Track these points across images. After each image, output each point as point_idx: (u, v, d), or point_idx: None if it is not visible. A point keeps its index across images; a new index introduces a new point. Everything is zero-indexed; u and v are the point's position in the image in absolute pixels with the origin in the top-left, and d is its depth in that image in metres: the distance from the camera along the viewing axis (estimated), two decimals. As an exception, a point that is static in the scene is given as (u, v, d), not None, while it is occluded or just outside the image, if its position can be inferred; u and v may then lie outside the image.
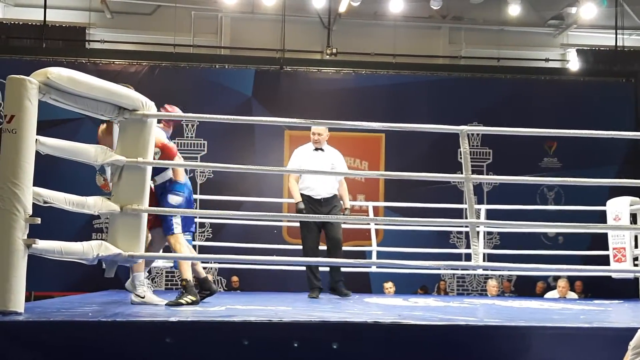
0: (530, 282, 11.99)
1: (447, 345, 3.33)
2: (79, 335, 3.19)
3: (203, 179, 13.15)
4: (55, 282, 11.16)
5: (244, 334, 3.25)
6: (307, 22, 14.76)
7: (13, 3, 14.69)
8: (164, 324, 3.33)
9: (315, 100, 13.01)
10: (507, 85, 13.86)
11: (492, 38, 15.10)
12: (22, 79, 3.45)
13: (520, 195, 11.32)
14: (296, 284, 9.69)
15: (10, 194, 3.37)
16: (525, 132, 5.21)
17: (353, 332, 3.30)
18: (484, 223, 6.26)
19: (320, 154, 7.04)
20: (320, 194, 6.95)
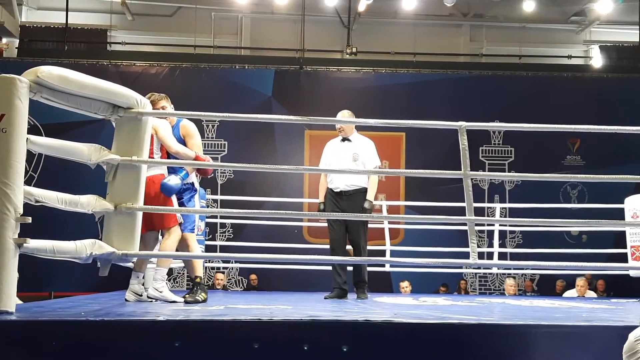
0: (552, 281, 11.83)
1: (439, 344, 3.27)
2: (68, 335, 3.17)
3: (224, 179, 13.18)
4: (76, 283, 11.25)
5: (233, 332, 3.22)
6: (327, 21, 14.73)
7: (36, 6, 14.86)
8: (151, 323, 3.31)
9: (335, 100, 12.94)
10: (528, 82, 13.71)
11: (514, 35, 14.94)
12: (12, 78, 3.44)
13: (542, 193, 11.20)
14: (316, 283, 9.66)
15: (1, 194, 3.36)
16: (537, 127, 5.09)
17: (342, 331, 3.25)
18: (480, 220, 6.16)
19: (345, 144, 6.68)
20: (338, 186, 6.55)
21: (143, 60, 13.79)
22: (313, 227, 12.50)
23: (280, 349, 3.22)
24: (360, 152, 6.60)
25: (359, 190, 6.51)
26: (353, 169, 6.47)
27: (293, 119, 8.10)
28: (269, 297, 6.57)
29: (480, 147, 13.38)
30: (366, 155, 6.61)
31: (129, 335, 3.20)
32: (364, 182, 6.52)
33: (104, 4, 14.74)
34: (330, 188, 6.61)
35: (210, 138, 13.25)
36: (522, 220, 7.69)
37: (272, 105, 13.30)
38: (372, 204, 6.48)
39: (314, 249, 10.09)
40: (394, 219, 5.56)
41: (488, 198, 12.99)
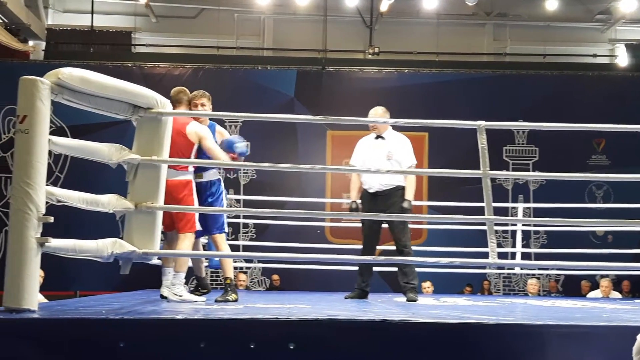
0: (577, 282, 11.73)
1: (456, 344, 3.26)
2: (87, 332, 3.21)
3: (246, 179, 13.24)
4: (101, 282, 11.35)
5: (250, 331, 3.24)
6: (349, 22, 14.74)
7: (62, 9, 15.04)
8: (171, 321, 3.34)
9: (358, 100, 12.94)
10: (553, 82, 13.60)
11: (538, 34, 14.85)
12: (34, 80, 3.49)
13: (567, 194, 11.08)
14: (338, 284, 9.67)
15: (23, 194, 3.42)
16: (556, 127, 5.07)
17: (358, 330, 3.26)
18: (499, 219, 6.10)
19: (378, 142, 6.39)
20: (372, 186, 6.27)
21: (167, 61, 13.88)
22: (335, 228, 12.51)
23: (297, 348, 3.24)
24: (395, 150, 6.31)
25: (394, 189, 6.24)
26: (387, 167, 6.21)
27: (315, 119, 8.13)
28: (289, 296, 6.60)
29: (504, 146, 13.30)
30: (401, 154, 6.32)
31: (147, 333, 3.23)
32: (400, 180, 6.24)
33: (128, 6, 14.88)
34: (364, 188, 6.36)
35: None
36: (542, 220, 7.62)
37: (295, 106, 13.33)
38: (411, 203, 6.19)
39: (336, 249, 10.11)
40: (413, 219, 5.52)
41: (512, 198, 12.91)
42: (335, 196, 12.97)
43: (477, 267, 10.26)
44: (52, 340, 3.20)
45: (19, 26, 13.42)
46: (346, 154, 13.17)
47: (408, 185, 6.22)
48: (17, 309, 3.38)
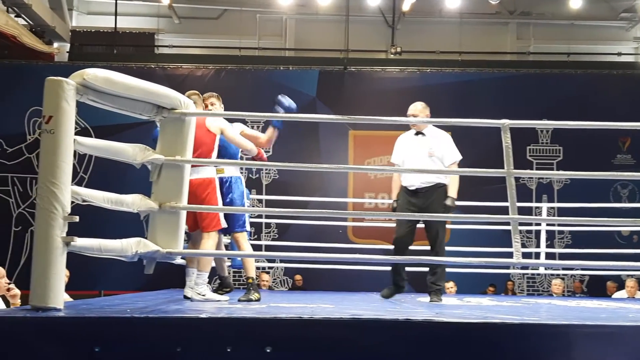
0: (603, 283, 11.62)
1: (480, 343, 3.24)
2: (112, 331, 3.24)
3: (268, 179, 13.27)
4: (125, 282, 11.43)
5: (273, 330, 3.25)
6: (371, 21, 14.73)
7: (86, 11, 15.17)
8: (194, 320, 3.36)
9: (380, 100, 12.95)
10: (577, 81, 13.50)
11: (562, 33, 14.74)
12: (59, 80, 3.52)
13: (592, 193, 11.00)
14: (361, 283, 9.66)
15: (49, 193, 3.45)
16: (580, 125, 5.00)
17: (381, 330, 3.25)
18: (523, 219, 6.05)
19: (419, 138, 6.19)
20: (413, 183, 6.08)
21: (189, 62, 13.97)
22: (357, 228, 12.51)
23: (321, 347, 3.24)
24: (436, 147, 6.11)
25: (435, 186, 6.04)
26: (428, 164, 6.01)
27: (337, 119, 8.13)
28: (312, 296, 6.60)
29: (527, 146, 13.23)
30: (443, 150, 6.11)
31: (171, 331, 3.25)
32: (441, 177, 6.04)
33: (151, 8, 14.98)
34: (404, 186, 6.18)
35: (256, 139, 13.32)
36: (567, 219, 7.55)
37: (317, 106, 13.34)
38: (454, 201, 5.98)
39: (359, 249, 10.11)
40: (437, 219, 5.48)
41: (536, 198, 12.83)
42: (357, 196, 12.97)
43: (501, 267, 10.20)
44: (78, 338, 3.23)
45: (43, 28, 13.56)
46: (368, 153, 13.33)
47: (451, 182, 6.01)
48: (44, 307, 3.41)
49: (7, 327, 3.21)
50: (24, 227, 13.11)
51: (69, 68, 12.56)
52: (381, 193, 13.26)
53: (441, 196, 5.99)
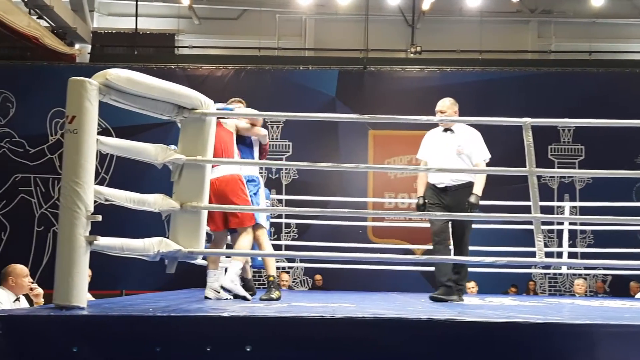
0: (626, 283, 11.52)
1: (503, 343, 3.22)
2: (135, 330, 3.25)
3: (288, 179, 13.29)
4: (146, 281, 11.51)
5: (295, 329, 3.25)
6: (391, 21, 14.70)
7: (107, 13, 15.27)
8: (216, 319, 3.37)
9: (400, 100, 12.94)
10: (599, 79, 13.40)
11: (584, 31, 14.62)
12: (82, 81, 3.55)
13: (614, 192, 10.89)
14: (381, 283, 9.66)
15: (72, 193, 3.47)
16: (603, 123, 4.97)
17: (403, 329, 3.24)
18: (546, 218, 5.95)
19: (447, 135, 6.01)
20: (442, 181, 5.90)
21: (209, 63, 14.03)
22: (377, 227, 12.50)
23: (341, 347, 3.24)
24: (465, 144, 5.95)
25: (464, 185, 5.89)
26: (457, 162, 5.86)
27: (356, 117, 8.15)
28: (332, 296, 6.59)
29: (549, 145, 13.15)
30: (471, 148, 5.95)
31: (193, 330, 3.26)
32: (470, 175, 5.91)
33: (171, 9, 15.04)
34: (432, 183, 5.99)
35: (275, 139, 13.37)
36: (590, 218, 7.48)
37: (336, 106, 13.35)
38: (478, 199, 5.81)
39: (379, 249, 10.09)
40: (457, 218, 5.43)
41: (558, 197, 12.75)
42: (377, 195, 12.96)
43: (523, 267, 10.13)
44: (101, 336, 3.24)
45: (65, 30, 13.67)
46: (388, 153, 13.31)
47: (478, 180, 5.87)
48: (67, 306, 3.43)
49: (31, 325, 3.24)
50: (46, 227, 13.23)
51: (90, 69, 12.67)
52: (401, 193, 13.23)
53: (469, 194, 5.82)
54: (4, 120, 13.63)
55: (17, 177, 13.46)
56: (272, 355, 3.20)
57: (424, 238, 10.45)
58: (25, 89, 13.63)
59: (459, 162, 5.89)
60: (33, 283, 5.50)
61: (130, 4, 14.61)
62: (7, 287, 5.30)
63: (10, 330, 3.18)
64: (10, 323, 3.20)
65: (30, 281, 5.45)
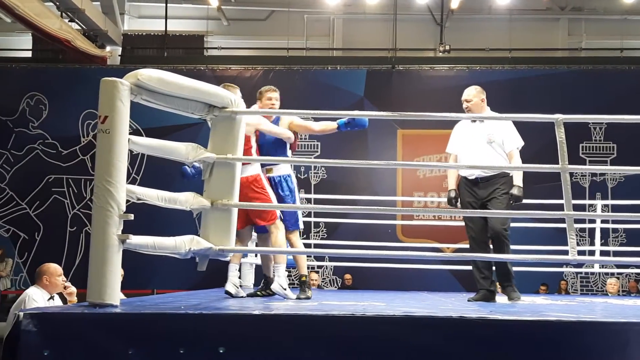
0: (660, 282, 11.39)
1: (536, 341, 3.20)
2: (168, 327, 3.28)
3: (317, 179, 13.30)
4: (176, 281, 11.60)
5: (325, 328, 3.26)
6: (419, 19, 14.66)
7: (137, 15, 15.41)
8: (247, 316, 3.39)
9: (429, 99, 12.87)
10: (631, 76, 13.26)
11: (615, 28, 14.47)
12: (114, 81, 3.58)
13: (646, 190, 10.78)
14: (411, 282, 9.61)
15: (105, 192, 3.51)
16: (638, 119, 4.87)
17: (435, 327, 3.23)
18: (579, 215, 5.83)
19: (476, 125, 5.68)
20: (473, 172, 5.59)
21: (238, 64, 14.10)
22: (407, 226, 12.46)
23: (372, 345, 3.24)
24: (495, 132, 5.58)
25: (497, 175, 5.53)
26: (488, 152, 5.53)
27: (384, 115, 8.13)
28: (362, 295, 6.59)
29: (580, 143, 13.03)
30: (502, 135, 5.58)
31: (225, 328, 3.28)
32: (502, 164, 5.57)
33: (200, 10, 15.14)
34: (463, 176, 5.71)
35: (303, 139, 13.38)
36: (624, 215, 7.37)
37: (364, 105, 13.33)
38: (521, 190, 5.42)
39: (408, 248, 10.05)
40: (489, 215, 5.35)
41: (589, 195, 12.62)
42: (406, 194, 12.93)
43: (554, 266, 10.05)
44: (134, 334, 3.28)
45: (96, 32, 13.83)
46: (417, 152, 13.26)
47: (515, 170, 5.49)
48: (101, 303, 3.47)
49: (65, 322, 3.29)
50: (78, 227, 13.40)
51: (121, 71, 12.79)
52: (430, 192, 13.18)
53: (505, 187, 5.48)
54: (37, 122, 13.82)
55: (50, 178, 13.64)
56: (304, 352, 3.22)
57: (453, 237, 10.42)
58: (57, 91, 13.81)
59: (489, 152, 5.56)
60: (66, 282, 5.57)
61: (159, 6, 14.74)
62: (42, 285, 5.37)
63: (45, 327, 3.23)
64: (45, 320, 3.25)
65: (63, 280, 5.52)
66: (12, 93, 13.87)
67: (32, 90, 13.89)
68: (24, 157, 13.76)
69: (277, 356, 3.22)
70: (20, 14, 11.28)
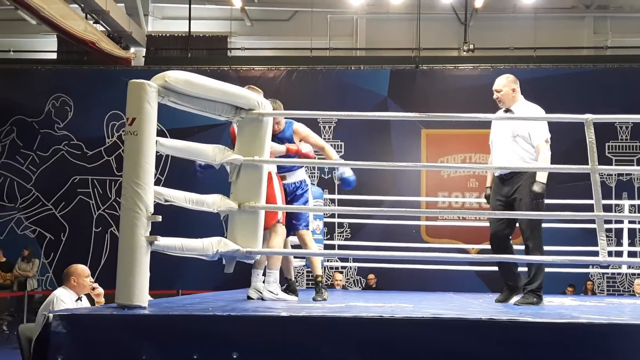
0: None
1: (567, 343, 3.17)
2: (196, 328, 3.29)
3: (341, 179, 13.26)
4: (201, 281, 11.64)
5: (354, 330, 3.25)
6: (443, 19, 14.59)
7: (161, 16, 15.49)
8: (276, 318, 3.39)
9: (453, 98, 12.82)
10: (658, 74, 13.08)
11: (641, 26, 14.30)
12: (142, 83, 3.59)
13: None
14: (436, 283, 9.57)
15: (133, 193, 3.52)
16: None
17: (463, 330, 3.21)
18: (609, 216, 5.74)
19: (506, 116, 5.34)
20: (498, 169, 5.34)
21: (261, 64, 14.13)
22: (431, 227, 12.41)
23: (399, 347, 3.22)
24: (521, 127, 5.17)
25: (521, 172, 5.19)
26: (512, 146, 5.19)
27: (408, 116, 8.10)
28: (388, 296, 6.56)
29: (606, 143, 12.90)
30: (529, 128, 5.17)
31: (254, 329, 3.28)
32: (528, 160, 5.18)
33: (224, 11, 15.18)
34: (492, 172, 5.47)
35: (327, 139, 13.37)
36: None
37: (388, 105, 13.30)
38: (543, 187, 5.05)
39: (433, 249, 10.00)
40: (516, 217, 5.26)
41: (615, 195, 12.49)
42: (430, 194, 12.88)
43: (581, 267, 9.96)
44: (162, 335, 3.29)
45: (121, 34, 13.91)
46: (441, 152, 13.20)
47: (540, 165, 5.13)
48: (129, 305, 3.48)
49: (94, 324, 3.30)
50: (104, 228, 13.49)
51: (146, 72, 12.88)
52: (454, 192, 13.12)
53: (529, 184, 5.10)
54: (62, 124, 13.94)
55: (75, 179, 13.75)
56: (331, 355, 3.21)
57: (478, 237, 10.35)
58: (82, 93, 13.92)
59: (514, 147, 5.20)
60: (94, 283, 5.60)
61: (183, 7, 14.79)
62: (70, 286, 5.40)
63: (74, 329, 3.24)
64: (74, 322, 3.26)
65: (91, 281, 5.55)
66: (37, 95, 14.01)
67: (58, 91, 14.01)
68: (50, 158, 13.89)
69: (305, 357, 3.21)
70: (45, 15, 11.38)
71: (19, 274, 12.76)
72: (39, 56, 14.97)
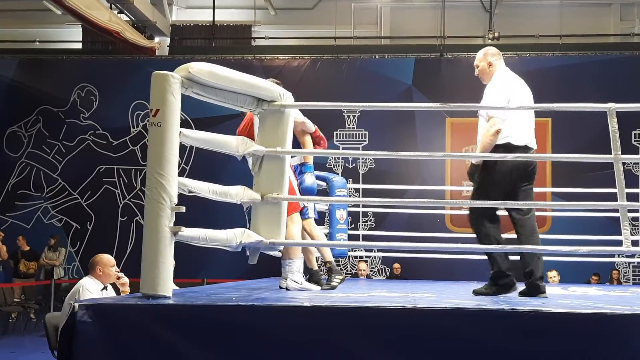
0: None
1: (590, 334, 3.15)
2: (219, 318, 3.32)
3: (365, 168, 13.27)
4: (226, 270, 11.72)
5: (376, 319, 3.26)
6: (468, 6, 14.48)
7: (185, 6, 15.53)
8: (298, 308, 3.41)
9: (478, 87, 12.65)
10: (686, 61, 12.89)
11: (669, 12, 14.09)
12: (166, 75, 3.62)
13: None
14: (460, 273, 9.53)
15: (157, 184, 3.55)
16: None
17: (488, 321, 3.21)
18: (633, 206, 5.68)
19: None
20: None
21: (285, 53, 14.12)
22: (456, 216, 12.37)
23: (422, 337, 3.23)
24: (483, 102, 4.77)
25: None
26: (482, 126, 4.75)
27: (432, 106, 8.08)
28: (411, 285, 6.56)
29: (632, 131, 12.75)
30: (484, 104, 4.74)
31: (277, 319, 3.30)
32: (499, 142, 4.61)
33: (248, 0, 15.18)
34: None
35: (351, 128, 13.38)
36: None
37: (413, 94, 13.25)
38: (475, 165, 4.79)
39: (457, 239, 9.96)
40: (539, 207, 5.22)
41: (641, 184, 12.36)
42: (454, 183, 12.82)
43: (606, 256, 9.87)
44: (187, 324, 3.33)
45: (145, 24, 13.97)
46: (466, 141, 13.11)
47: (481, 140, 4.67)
48: (154, 295, 3.52)
49: (120, 313, 3.35)
50: (129, 217, 13.62)
51: (170, 62, 12.97)
52: (479, 181, 13.05)
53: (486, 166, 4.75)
54: (87, 113, 14.06)
55: (101, 168, 13.88)
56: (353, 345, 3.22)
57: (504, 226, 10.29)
58: (107, 82, 14.03)
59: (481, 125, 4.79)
60: (119, 272, 5.65)
61: (207, -4, 14.82)
62: (95, 276, 5.46)
63: (100, 318, 3.29)
64: (100, 311, 3.32)
65: (117, 270, 5.60)
66: (63, 85, 14.14)
67: (83, 81, 14.13)
68: (76, 147, 14.02)
69: (327, 347, 3.23)
70: (70, 6, 11.46)
71: (46, 262, 12.92)
72: (64, 46, 15.09)
